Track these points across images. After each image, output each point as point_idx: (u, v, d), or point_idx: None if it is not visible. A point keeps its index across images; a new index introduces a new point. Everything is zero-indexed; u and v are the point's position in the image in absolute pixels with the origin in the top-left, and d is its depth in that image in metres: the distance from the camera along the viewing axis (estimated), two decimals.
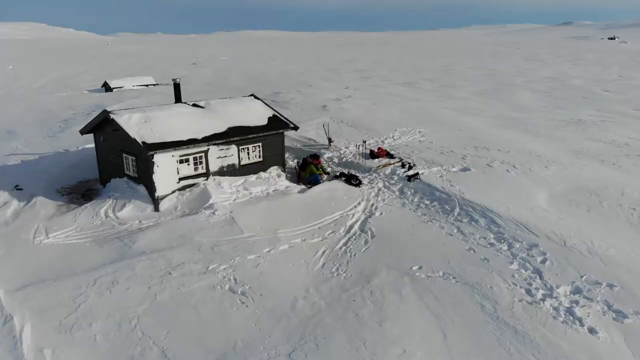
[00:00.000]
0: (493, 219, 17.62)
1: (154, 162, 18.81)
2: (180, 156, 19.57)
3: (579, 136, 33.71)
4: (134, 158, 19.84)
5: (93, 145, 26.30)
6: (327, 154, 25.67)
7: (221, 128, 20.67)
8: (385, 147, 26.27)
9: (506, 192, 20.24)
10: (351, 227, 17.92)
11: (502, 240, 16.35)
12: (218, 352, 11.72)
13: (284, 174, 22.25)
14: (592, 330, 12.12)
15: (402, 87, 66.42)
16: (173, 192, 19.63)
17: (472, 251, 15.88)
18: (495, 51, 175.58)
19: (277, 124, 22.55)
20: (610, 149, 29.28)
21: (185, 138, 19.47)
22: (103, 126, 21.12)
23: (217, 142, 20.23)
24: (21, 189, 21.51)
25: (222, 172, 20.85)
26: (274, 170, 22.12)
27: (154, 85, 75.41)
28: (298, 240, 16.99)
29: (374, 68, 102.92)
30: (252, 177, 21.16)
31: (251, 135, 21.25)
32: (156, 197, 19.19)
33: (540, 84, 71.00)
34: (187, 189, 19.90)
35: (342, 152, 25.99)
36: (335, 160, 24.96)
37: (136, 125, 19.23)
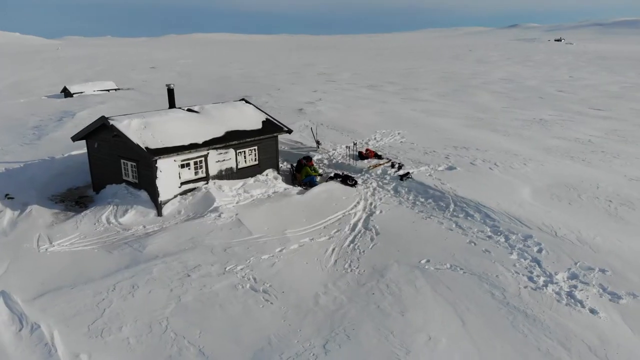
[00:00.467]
0: (487, 213, 18.77)
1: (157, 167, 18.95)
2: (182, 161, 19.78)
3: (545, 135, 35.73)
4: (134, 164, 19.87)
5: (80, 152, 26.11)
6: (316, 156, 26.35)
7: (219, 132, 21.00)
8: (370, 148, 27.17)
9: (493, 188, 21.51)
10: (355, 225, 18.67)
11: (499, 233, 17.50)
12: (254, 347, 12.18)
13: (280, 177, 22.77)
14: (593, 311, 13.30)
15: (367, 90, 67.78)
16: (175, 196, 19.82)
17: (472, 244, 16.93)
18: (449, 54, 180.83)
19: (271, 128, 23.05)
20: (577, 146, 31.30)
21: (186, 143, 19.69)
22: (97, 132, 21.02)
23: (216, 146, 20.54)
24: (12, 198, 21.11)
25: (220, 175, 21.17)
26: (270, 172, 22.60)
27: (115, 90, 73.76)
28: (307, 240, 17.59)
29: (336, 72, 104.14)
30: (250, 180, 21.58)
31: (248, 139, 21.68)
32: (159, 202, 19.31)
33: (497, 86, 74.01)
34: (189, 193, 20.12)
35: (330, 153, 26.74)
36: (326, 162, 25.68)
37: (137, 131, 19.30)
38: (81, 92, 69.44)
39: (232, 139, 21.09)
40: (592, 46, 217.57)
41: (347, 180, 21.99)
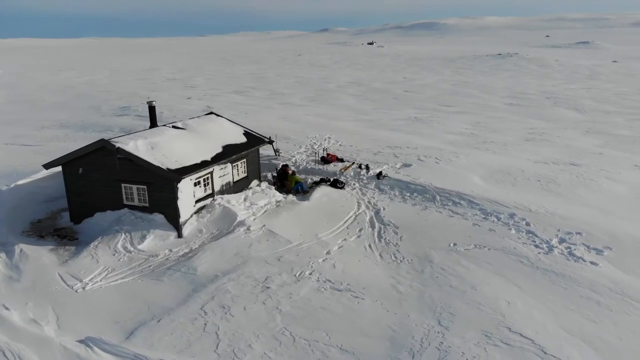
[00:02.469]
0: (470, 200, 22.28)
1: (178, 188, 18.46)
2: (196, 179, 19.47)
3: (435, 131, 41.15)
4: (143, 187, 18.90)
5: (25, 181, 23.35)
6: (281, 164, 27.29)
7: (219, 148, 21.02)
8: (330, 152, 29.03)
9: (452, 178, 25.18)
10: (371, 222, 20.61)
11: (489, 215, 21.07)
12: (385, 336, 13.60)
13: (273, 186, 23.45)
14: (593, 263, 17.44)
15: (238, 97, 68.37)
16: (191, 216, 19.43)
17: (477, 226, 20.21)
18: (280, 58, 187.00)
19: (255, 140, 23.59)
20: (468, 139, 37.02)
21: (198, 161, 19.45)
22: (83, 157, 19.36)
23: (220, 161, 20.57)
24: None
25: (222, 190, 21.20)
26: (263, 183, 23.19)
27: None
28: (341, 240, 19.05)
29: (187, 77, 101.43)
30: (249, 192, 21.93)
31: (243, 152, 22.01)
32: (180, 223, 18.81)
33: (350, 89, 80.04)
34: (202, 211, 19.86)
35: (292, 160, 27.93)
36: (293, 168, 26.83)
37: (147, 152, 18.49)
38: None
39: (232, 153, 21.28)
40: (401, 48, 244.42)
41: (336, 183, 23.69)
